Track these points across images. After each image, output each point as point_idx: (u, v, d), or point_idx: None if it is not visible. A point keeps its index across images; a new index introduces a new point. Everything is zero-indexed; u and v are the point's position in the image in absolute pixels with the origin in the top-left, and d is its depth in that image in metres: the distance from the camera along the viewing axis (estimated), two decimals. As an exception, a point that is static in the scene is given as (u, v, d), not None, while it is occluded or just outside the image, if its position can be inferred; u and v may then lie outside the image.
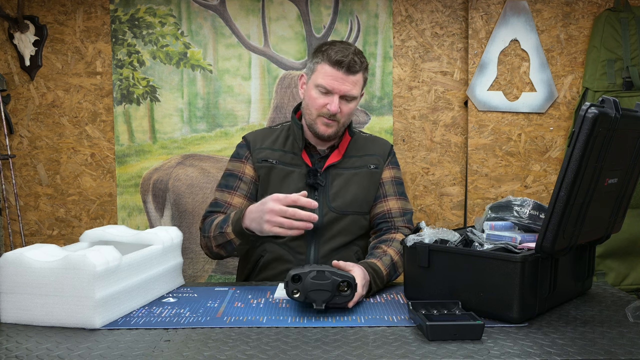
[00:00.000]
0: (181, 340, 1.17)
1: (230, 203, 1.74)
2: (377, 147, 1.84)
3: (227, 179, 1.79)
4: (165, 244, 1.50)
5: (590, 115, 1.12)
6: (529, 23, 2.44)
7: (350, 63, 1.65)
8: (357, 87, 1.70)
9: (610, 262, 2.41)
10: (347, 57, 1.65)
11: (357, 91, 1.70)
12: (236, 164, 1.80)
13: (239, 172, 1.78)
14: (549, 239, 1.19)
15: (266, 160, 1.76)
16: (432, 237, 1.39)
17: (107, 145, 2.52)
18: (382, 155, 1.83)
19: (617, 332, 1.19)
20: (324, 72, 1.67)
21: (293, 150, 1.77)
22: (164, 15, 2.48)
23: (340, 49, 1.67)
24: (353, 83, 1.68)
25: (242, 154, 1.80)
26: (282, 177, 1.74)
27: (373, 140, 1.88)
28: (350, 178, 1.76)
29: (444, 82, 2.51)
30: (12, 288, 1.27)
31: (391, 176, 1.82)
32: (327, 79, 1.67)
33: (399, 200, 1.79)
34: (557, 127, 2.47)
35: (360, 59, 1.68)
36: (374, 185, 1.79)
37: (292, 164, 1.76)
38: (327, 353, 1.09)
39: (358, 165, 1.79)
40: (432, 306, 1.28)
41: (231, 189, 1.76)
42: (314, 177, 1.72)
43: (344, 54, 1.65)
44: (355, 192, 1.75)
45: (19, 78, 2.51)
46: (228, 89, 2.50)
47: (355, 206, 1.75)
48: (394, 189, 1.80)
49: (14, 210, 2.52)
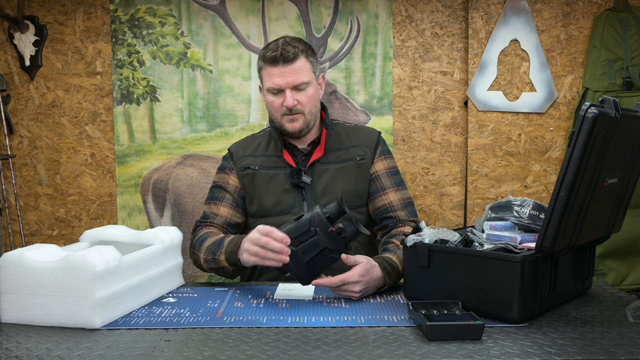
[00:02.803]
0: (181, 340, 1.17)
1: (216, 214, 1.76)
2: (362, 137, 1.81)
3: (213, 191, 1.81)
4: (165, 244, 1.50)
5: (590, 115, 1.12)
6: (529, 23, 2.44)
7: (283, 54, 1.65)
8: (304, 72, 1.68)
9: (610, 262, 2.41)
10: (277, 51, 1.65)
11: (306, 77, 1.69)
12: (221, 176, 1.82)
13: (224, 183, 1.80)
14: (549, 239, 1.19)
15: (248, 167, 1.77)
16: (432, 237, 1.39)
17: (107, 145, 2.52)
18: (369, 146, 1.79)
19: (617, 332, 1.19)
20: (268, 74, 1.68)
21: (275, 153, 1.77)
22: (164, 15, 2.48)
23: (271, 46, 1.68)
24: (296, 71, 1.67)
25: (226, 166, 1.82)
26: (267, 181, 1.74)
27: (357, 130, 1.85)
28: (337, 173, 1.74)
29: (444, 82, 2.51)
30: (12, 288, 1.27)
31: (385, 167, 1.79)
32: (272, 79, 1.67)
33: (398, 192, 1.77)
34: (557, 127, 2.47)
35: (294, 45, 1.67)
36: (363, 177, 1.76)
37: (276, 166, 1.75)
38: (327, 353, 1.09)
39: (344, 158, 1.77)
40: (432, 306, 1.28)
41: (217, 200, 1.78)
42: (298, 177, 1.72)
43: (274, 49, 1.66)
44: (343, 186, 1.73)
45: (19, 78, 2.51)
46: (228, 89, 2.50)
47: (345, 201, 1.73)
48: (391, 180, 1.78)
49: (14, 210, 2.52)
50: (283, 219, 1.69)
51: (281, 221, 1.69)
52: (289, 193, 1.73)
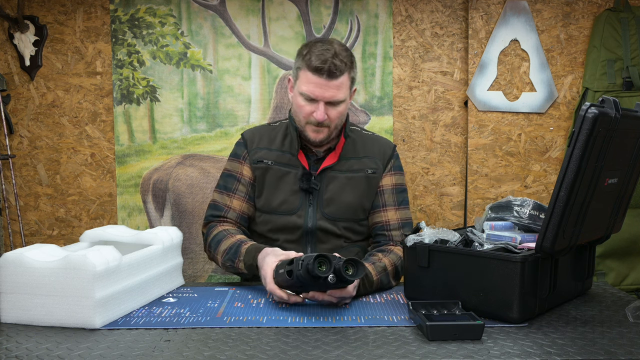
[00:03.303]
0: (181, 340, 1.17)
1: (229, 206, 1.73)
2: (376, 149, 1.78)
3: (225, 180, 1.77)
4: (165, 244, 1.50)
5: (590, 115, 1.12)
6: (529, 23, 2.44)
7: (330, 68, 1.58)
8: (343, 90, 1.63)
9: (610, 262, 2.41)
10: (326, 63, 1.57)
11: (343, 94, 1.64)
12: (234, 164, 1.78)
13: (237, 174, 1.76)
14: (549, 239, 1.19)
15: (262, 161, 1.74)
16: (432, 237, 1.39)
17: (107, 145, 2.52)
18: (382, 159, 1.77)
19: (617, 332, 1.19)
20: (306, 79, 1.62)
21: (291, 150, 1.74)
22: (164, 15, 2.48)
23: (321, 52, 1.59)
24: (337, 87, 1.62)
25: (239, 154, 1.78)
26: (278, 179, 1.72)
27: (374, 140, 1.81)
28: (346, 183, 1.72)
29: (444, 82, 2.51)
30: (12, 288, 1.27)
31: (392, 184, 1.76)
32: (309, 87, 1.61)
33: (398, 211, 1.75)
34: (557, 127, 2.47)
35: (342, 60, 1.60)
36: (371, 191, 1.74)
37: (289, 164, 1.73)
38: (327, 353, 1.09)
39: (355, 168, 1.74)
40: (432, 306, 1.28)
41: (230, 191, 1.75)
42: (307, 182, 1.69)
43: (323, 59, 1.58)
44: (350, 199, 1.71)
45: (19, 78, 2.51)
46: (228, 89, 2.50)
47: (349, 213, 1.72)
48: (394, 198, 1.75)
49: (14, 210, 2.52)
50: (288, 219, 1.69)
51: (285, 221, 1.70)
52: (296, 195, 1.71)
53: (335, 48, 1.61)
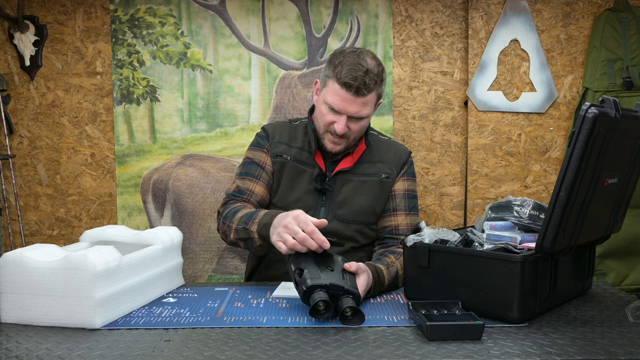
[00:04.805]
0: (181, 340, 1.17)
1: (252, 191, 1.72)
2: (392, 154, 1.78)
3: (247, 167, 1.75)
4: (165, 244, 1.50)
5: (590, 115, 1.12)
6: (529, 23, 2.44)
7: (359, 86, 1.56)
8: (368, 106, 1.62)
9: (610, 262, 2.41)
10: (356, 81, 1.55)
11: (367, 111, 1.63)
12: (257, 153, 1.77)
13: (261, 162, 1.75)
14: (549, 239, 1.19)
15: (281, 155, 1.74)
16: (432, 237, 1.39)
17: (107, 145, 2.52)
18: (397, 164, 1.77)
19: (617, 332, 1.19)
20: (333, 91, 1.60)
21: (309, 149, 1.74)
22: (164, 15, 2.48)
23: (352, 67, 1.56)
24: (362, 104, 1.60)
25: (262, 145, 1.78)
26: (294, 176, 1.72)
27: (390, 145, 1.81)
28: (359, 186, 1.72)
29: (444, 82, 2.51)
30: (12, 288, 1.27)
31: (404, 189, 1.77)
32: (335, 99, 1.60)
33: (409, 216, 1.75)
34: (557, 127, 2.47)
35: (373, 77, 1.58)
36: (384, 196, 1.74)
37: (307, 163, 1.73)
38: (327, 353, 1.09)
39: (370, 172, 1.74)
40: (432, 306, 1.28)
41: (253, 177, 1.74)
42: (321, 183, 1.70)
43: (354, 76, 1.55)
44: (363, 202, 1.71)
45: (19, 78, 2.51)
46: (228, 89, 2.50)
47: (362, 216, 1.72)
48: (405, 203, 1.76)
49: (14, 210, 2.52)
50: None
51: None
52: (310, 194, 1.71)
53: (368, 64, 1.58)
